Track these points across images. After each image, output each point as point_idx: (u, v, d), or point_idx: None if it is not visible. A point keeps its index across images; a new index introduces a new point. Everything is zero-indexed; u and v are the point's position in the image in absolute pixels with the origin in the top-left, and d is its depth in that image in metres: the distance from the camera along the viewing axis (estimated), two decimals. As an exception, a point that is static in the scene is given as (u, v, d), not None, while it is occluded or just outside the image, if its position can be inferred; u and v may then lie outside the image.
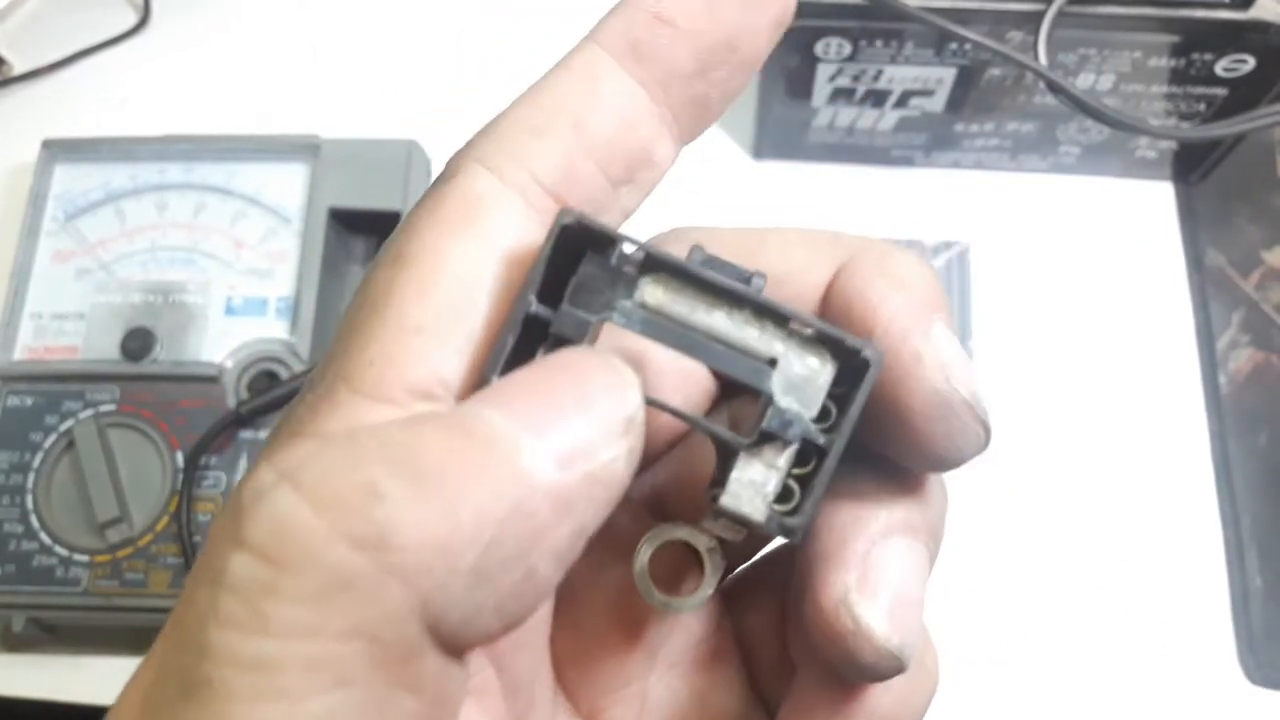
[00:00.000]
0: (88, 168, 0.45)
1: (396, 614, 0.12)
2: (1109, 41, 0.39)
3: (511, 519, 0.13)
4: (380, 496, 0.12)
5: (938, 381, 0.16)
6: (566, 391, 0.14)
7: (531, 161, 0.16)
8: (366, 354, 0.14)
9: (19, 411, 0.41)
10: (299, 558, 0.12)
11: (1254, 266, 0.45)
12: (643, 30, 0.17)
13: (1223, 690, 0.39)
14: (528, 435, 0.13)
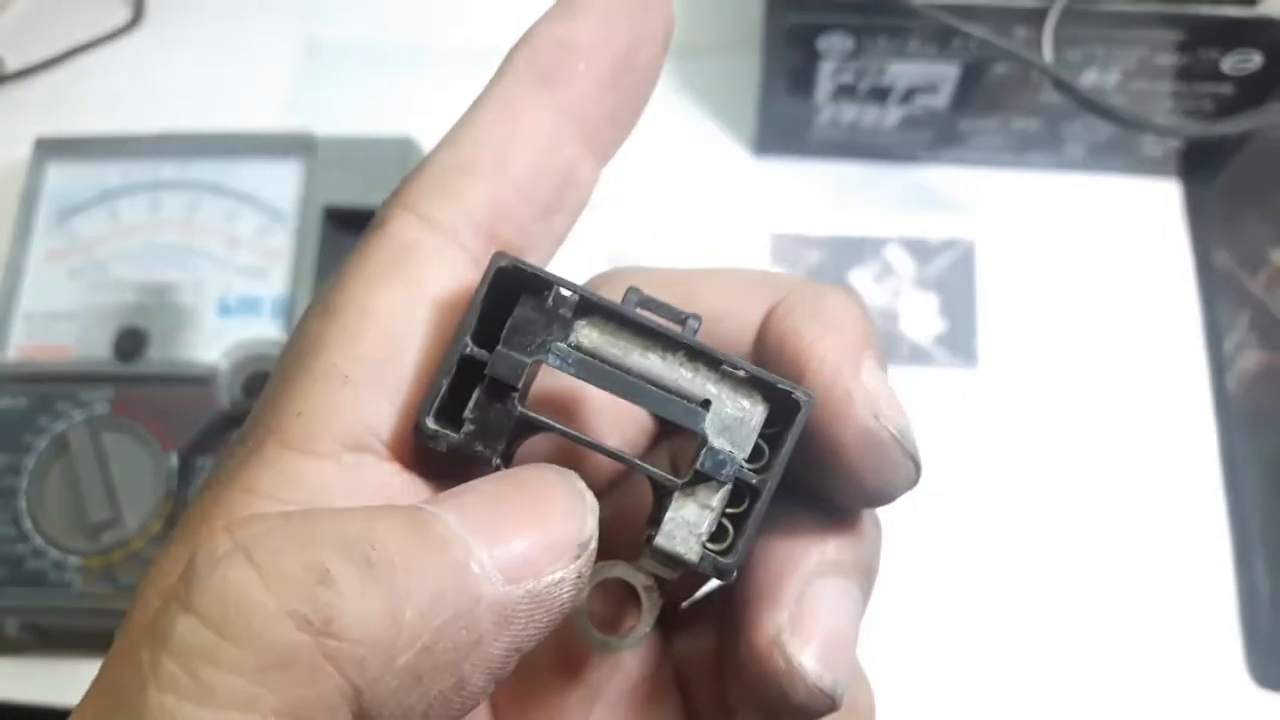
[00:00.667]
0: (81, 166, 0.45)
1: (328, 700, 0.12)
2: (1114, 38, 0.38)
3: (451, 625, 0.13)
4: (330, 581, 0.12)
5: (867, 419, 0.16)
6: (525, 508, 0.14)
7: (460, 202, 0.16)
8: (294, 405, 0.15)
9: (12, 413, 0.41)
10: (243, 630, 0.12)
11: (1261, 265, 0.44)
12: (548, 57, 0.18)
13: (1229, 692, 0.39)
14: (481, 544, 0.14)
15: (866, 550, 0.19)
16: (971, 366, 0.44)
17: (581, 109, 0.18)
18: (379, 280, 0.16)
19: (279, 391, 0.15)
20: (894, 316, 0.45)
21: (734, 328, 0.18)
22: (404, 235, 0.16)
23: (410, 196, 0.17)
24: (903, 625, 0.40)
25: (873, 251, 0.46)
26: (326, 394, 0.15)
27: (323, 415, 0.15)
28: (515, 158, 0.17)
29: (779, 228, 0.46)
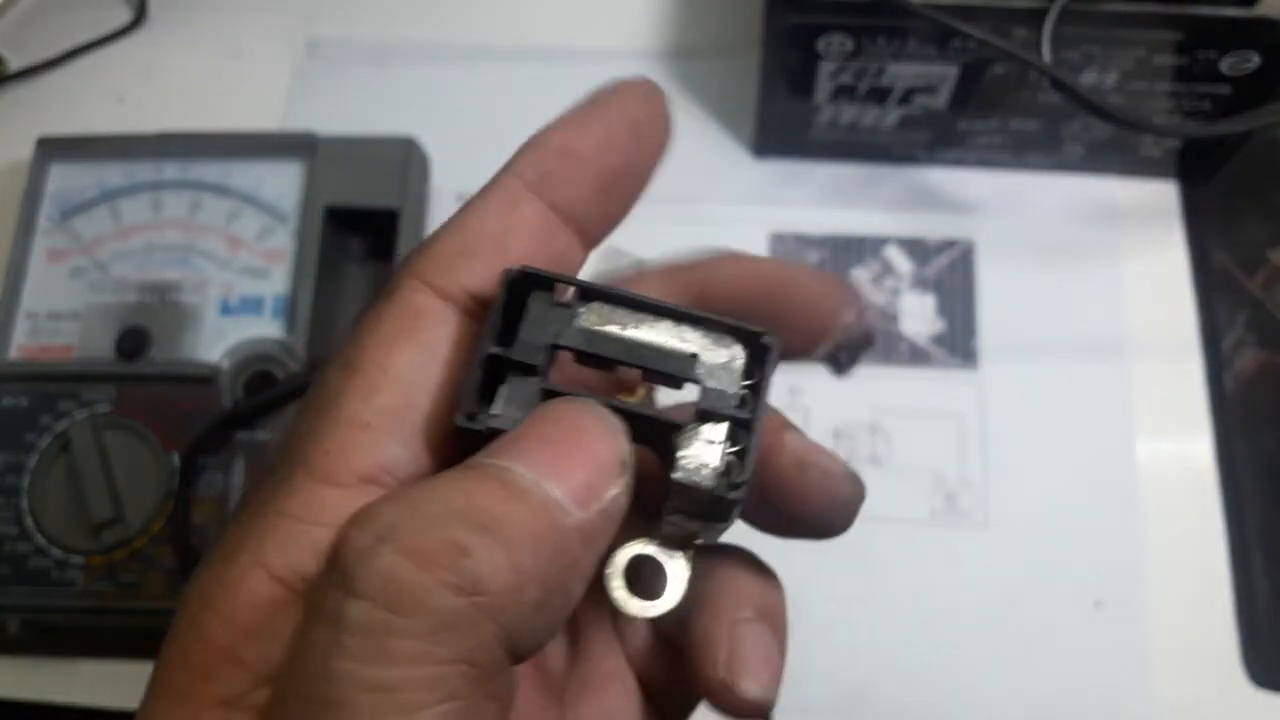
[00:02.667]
0: (83, 166, 0.45)
1: (488, 643, 0.15)
2: (1113, 39, 0.39)
3: (555, 557, 0.16)
4: (466, 553, 0.15)
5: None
6: (572, 442, 0.17)
7: (462, 277, 0.19)
8: (322, 446, 0.17)
9: (13, 412, 0.41)
10: (410, 604, 0.15)
11: (1259, 265, 0.44)
12: (552, 163, 0.20)
13: (1226, 693, 0.39)
14: (552, 484, 0.16)
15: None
16: (971, 366, 0.44)
17: (575, 208, 0.20)
18: (395, 341, 0.18)
19: (307, 432, 0.18)
20: (893, 317, 0.45)
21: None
22: (413, 301, 0.19)
23: (418, 268, 0.19)
24: (901, 623, 0.40)
25: (872, 251, 0.46)
26: (350, 438, 0.18)
27: (346, 455, 0.17)
28: (513, 245, 0.19)
29: (778, 227, 0.46)
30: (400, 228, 0.43)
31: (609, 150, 0.21)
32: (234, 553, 0.16)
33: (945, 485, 0.42)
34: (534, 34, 0.51)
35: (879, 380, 0.44)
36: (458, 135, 0.48)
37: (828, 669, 0.40)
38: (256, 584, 0.16)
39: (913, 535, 0.41)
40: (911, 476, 0.42)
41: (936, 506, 0.42)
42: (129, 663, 0.41)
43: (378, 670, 0.15)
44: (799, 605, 0.40)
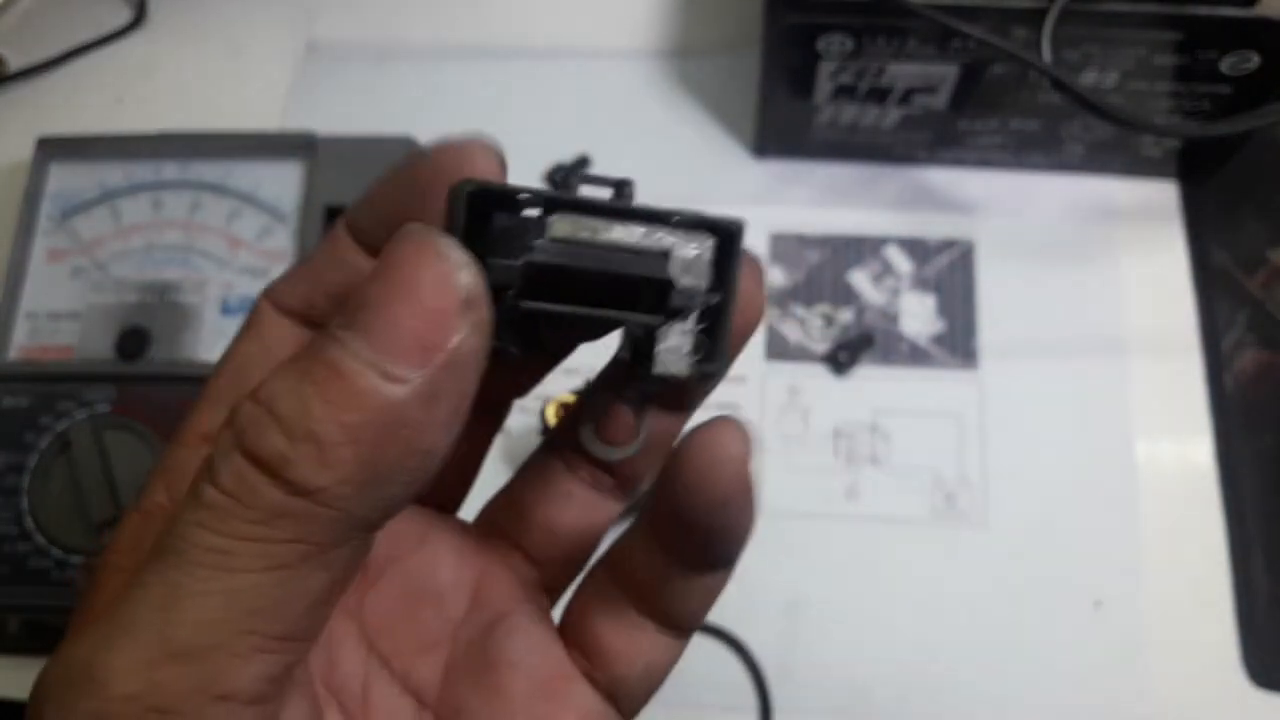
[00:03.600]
0: (83, 166, 0.45)
1: (326, 527, 0.17)
2: (1113, 38, 0.39)
3: (386, 438, 0.16)
4: (289, 462, 0.16)
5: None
6: (398, 296, 0.16)
7: (297, 295, 0.21)
8: (195, 419, 0.21)
9: (13, 412, 0.41)
10: (249, 496, 0.16)
11: (1259, 265, 0.44)
12: (364, 218, 0.22)
13: (1226, 692, 0.39)
14: (380, 356, 0.16)
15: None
16: (970, 366, 0.44)
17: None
18: (239, 340, 0.21)
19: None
20: (893, 316, 0.45)
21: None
22: (259, 309, 0.21)
23: (268, 290, 0.21)
24: (900, 622, 0.40)
25: (872, 251, 0.46)
26: (201, 410, 0.21)
27: (196, 423, 0.21)
28: (328, 277, 0.22)
29: (778, 227, 0.46)
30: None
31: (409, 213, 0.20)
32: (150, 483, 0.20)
33: (945, 485, 0.42)
34: (533, 33, 0.51)
35: (879, 380, 0.44)
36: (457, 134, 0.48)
37: (828, 667, 0.40)
38: (159, 495, 0.20)
39: (913, 534, 0.41)
40: (911, 476, 0.42)
41: (936, 506, 0.42)
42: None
43: (218, 540, 0.16)
44: (800, 604, 0.40)
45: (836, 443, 0.43)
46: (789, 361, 0.44)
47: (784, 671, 0.40)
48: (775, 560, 0.41)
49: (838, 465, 0.42)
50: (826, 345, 0.44)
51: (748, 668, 0.40)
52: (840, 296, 0.45)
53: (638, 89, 0.50)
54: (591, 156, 0.48)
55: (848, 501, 0.42)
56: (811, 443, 0.43)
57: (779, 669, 0.40)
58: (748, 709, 0.39)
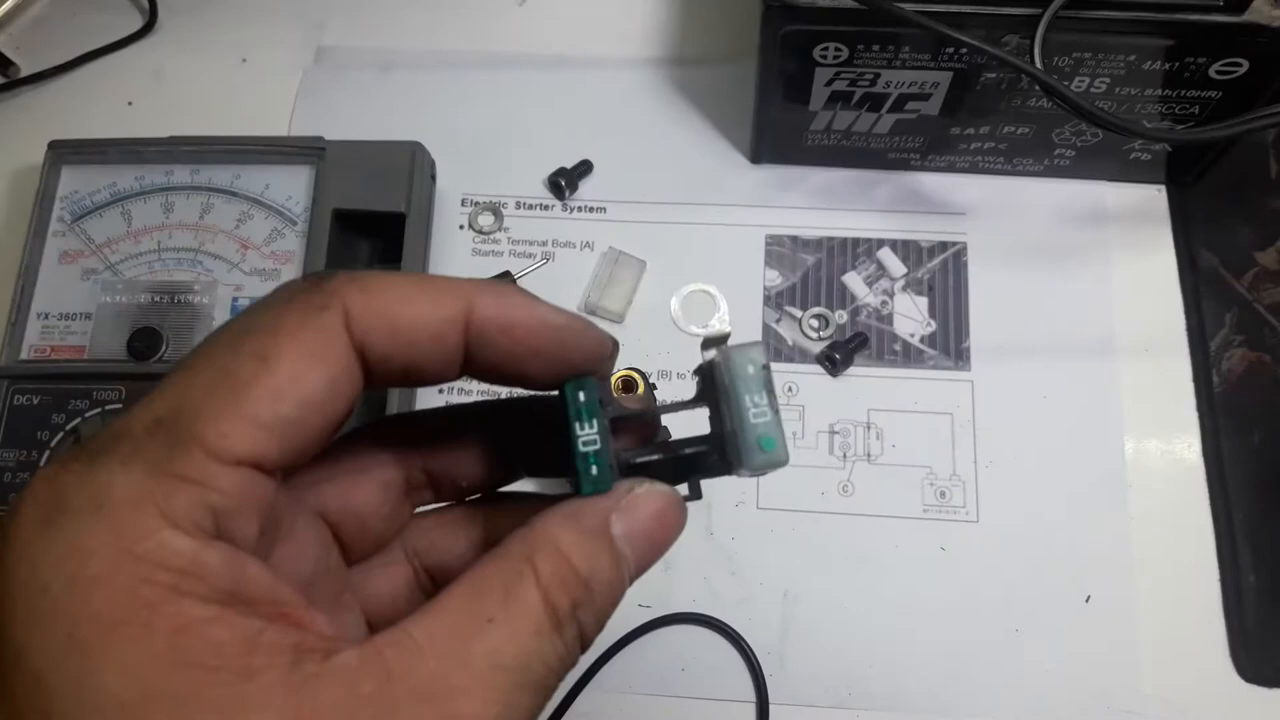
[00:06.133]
0: (94, 169, 0.45)
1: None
2: (1103, 45, 0.39)
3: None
4: (590, 636, 0.20)
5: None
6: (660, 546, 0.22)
7: (374, 338, 0.20)
8: (220, 428, 0.18)
9: (26, 410, 0.41)
10: (569, 653, 0.20)
11: (1247, 267, 0.45)
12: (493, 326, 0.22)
13: (1214, 686, 0.39)
14: (636, 572, 0.22)
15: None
16: (963, 366, 0.44)
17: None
18: (312, 358, 0.19)
19: (206, 406, 0.19)
20: (887, 317, 0.45)
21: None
22: (337, 333, 0.20)
23: (353, 306, 0.20)
24: (894, 617, 0.41)
25: (866, 253, 0.47)
26: (247, 432, 0.19)
27: (238, 443, 0.19)
28: (421, 341, 0.21)
29: (774, 230, 0.47)
30: (406, 230, 0.44)
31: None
32: (136, 506, 0.17)
33: (938, 482, 0.43)
34: (537, 42, 0.52)
35: (873, 380, 0.44)
36: (462, 140, 0.49)
37: (823, 659, 0.40)
38: (171, 536, 0.17)
39: (905, 531, 0.42)
40: (904, 473, 0.43)
41: (929, 502, 0.42)
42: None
43: (539, 667, 0.19)
44: (795, 597, 0.41)
45: (831, 440, 0.43)
46: (785, 361, 0.45)
47: (780, 663, 0.40)
48: (772, 554, 0.42)
49: (833, 462, 0.43)
50: (821, 345, 0.45)
51: (745, 659, 0.40)
52: (835, 298, 0.46)
53: (638, 96, 0.50)
54: (593, 161, 0.49)
55: (842, 498, 0.42)
56: (807, 440, 0.43)
57: (775, 661, 0.40)
58: (745, 700, 0.40)
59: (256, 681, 0.16)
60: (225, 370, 0.18)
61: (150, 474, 0.17)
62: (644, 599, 0.41)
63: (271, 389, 0.18)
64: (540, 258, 0.46)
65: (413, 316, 0.20)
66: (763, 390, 0.21)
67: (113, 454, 0.18)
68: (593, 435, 0.21)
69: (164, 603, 0.16)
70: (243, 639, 0.17)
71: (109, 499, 0.17)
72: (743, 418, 0.21)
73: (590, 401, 0.22)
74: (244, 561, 0.18)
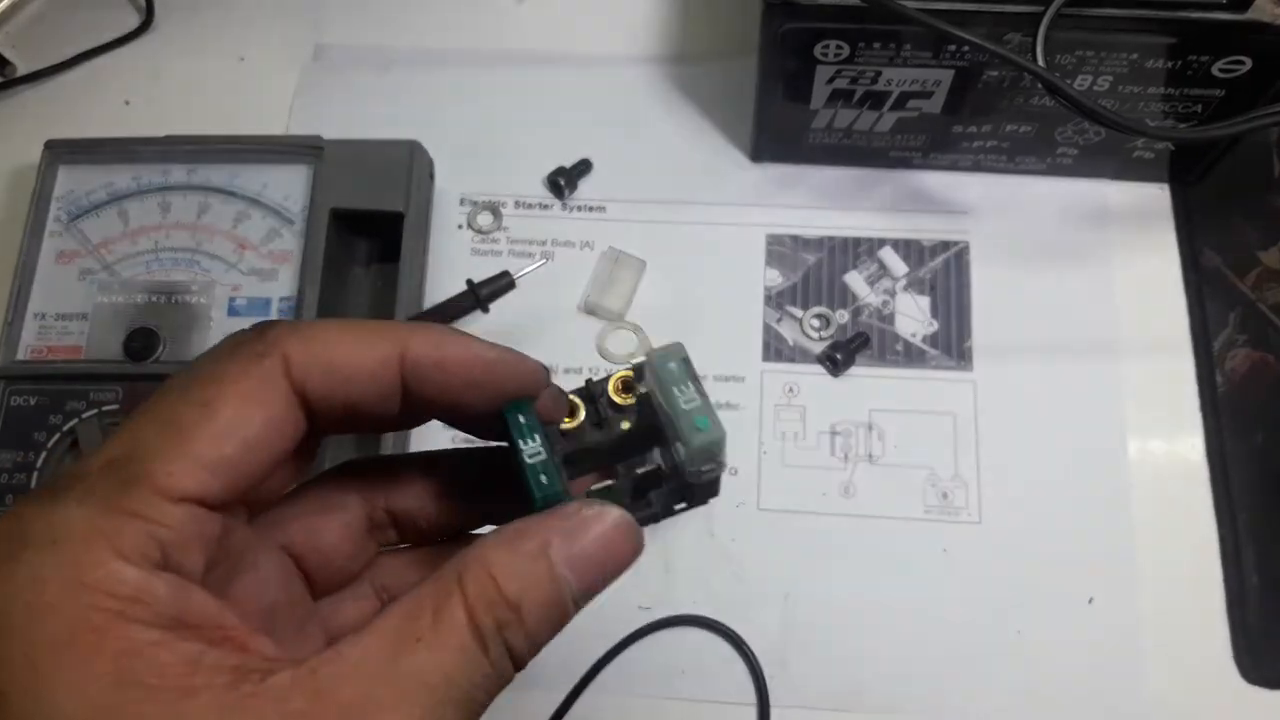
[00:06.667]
0: (91, 169, 0.45)
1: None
2: (1106, 43, 0.39)
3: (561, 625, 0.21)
4: (521, 656, 0.21)
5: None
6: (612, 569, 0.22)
7: (314, 382, 0.22)
8: (166, 468, 0.20)
9: (22, 411, 0.41)
10: (499, 672, 0.20)
11: (1251, 267, 0.45)
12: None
13: (1218, 688, 0.39)
14: (580, 596, 0.21)
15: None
16: (965, 366, 0.44)
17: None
18: (251, 403, 0.21)
19: (154, 448, 0.20)
20: (888, 317, 0.45)
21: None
22: (276, 381, 0.21)
23: (292, 355, 0.22)
24: (896, 619, 0.41)
25: (867, 253, 0.46)
26: (191, 472, 0.20)
27: (184, 482, 0.20)
28: (350, 373, 0.22)
29: (775, 230, 0.47)
30: (405, 230, 0.44)
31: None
32: (87, 540, 0.19)
33: (940, 483, 0.42)
34: (535, 40, 0.52)
35: (875, 380, 0.44)
36: (461, 139, 0.49)
37: (825, 662, 0.40)
38: (119, 567, 0.19)
39: (908, 532, 0.42)
40: (906, 474, 0.43)
41: (931, 503, 0.42)
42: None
43: (463, 686, 0.20)
44: (797, 599, 0.41)
45: (833, 441, 0.43)
46: (786, 361, 0.45)
47: (781, 666, 0.40)
48: (773, 556, 0.42)
49: (834, 463, 0.43)
50: (823, 345, 0.45)
51: (745, 661, 0.40)
52: (836, 298, 0.46)
53: (638, 95, 0.50)
54: (592, 160, 0.48)
55: (844, 499, 0.42)
56: (808, 441, 0.43)
57: (777, 663, 0.40)
58: (746, 703, 0.40)
59: (196, 700, 0.18)
60: (173, 415, 0.20)
61: (102, 511, 0.19)
62: (644, 601, 0.41)
63: (213, 432, 0.20)
64: (539, 257, 0.46)
65: (347, 358, 0.22)
66: (687, 380, 0.23)
67: (70, 492, 0.19)
68: (536, 448, 0.22)
69: (111, 627, 0.18)
70: (185, 660, 0.18)
71: (64, 533, 0.19)
72: (675, 409, 0.23)
73: (529, 418, 0.23)
74: (189, 590, 0.19)
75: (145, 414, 0.21)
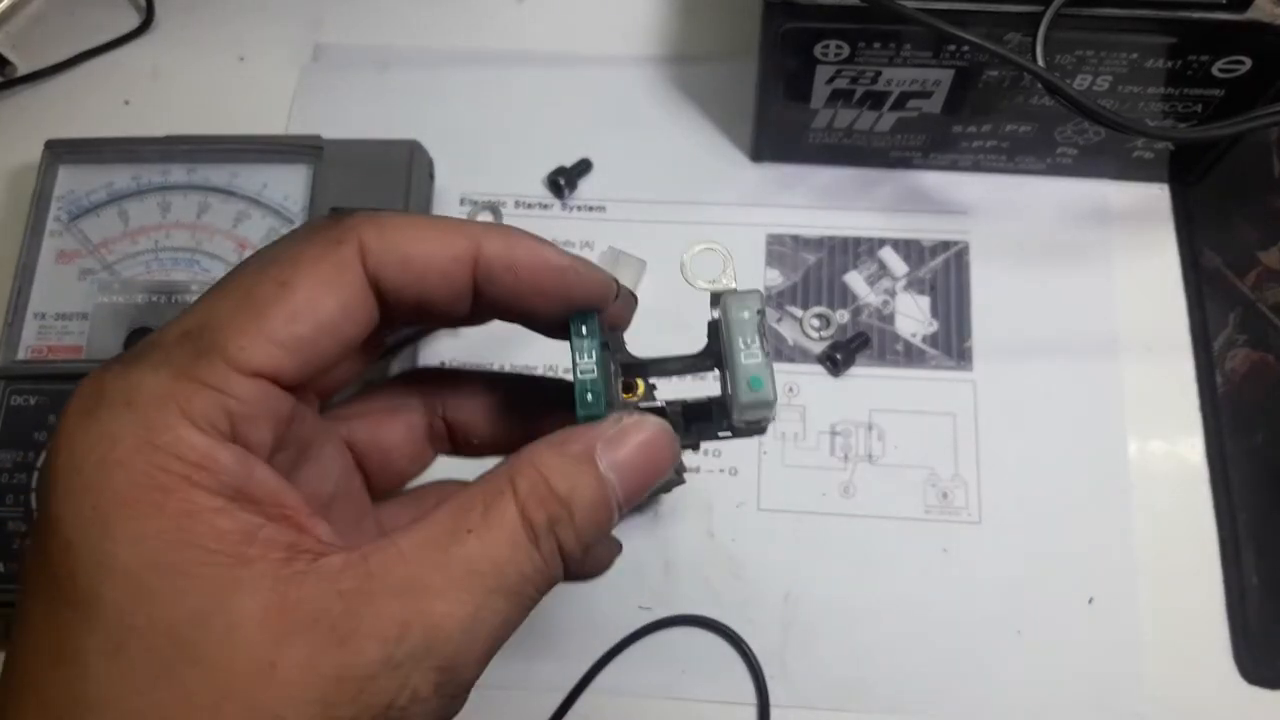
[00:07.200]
0: (91, 169, 0.45)
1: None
2: (1106, 43, 0.39)
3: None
4: (573, 557, 0.22)
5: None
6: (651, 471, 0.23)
7: (390, 272, 0.23)
8: (239, 342, 0.20)
9: (23, 411, 0.41)
10: (548, 566, 0.21)
11: (1250, 267, 0.45)
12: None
13: (1218, 688, 0.39)
14: (625, 502, 0.22)
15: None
16: (965, 366, 0.44)
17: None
18: (328, 286, 0.22)
19: (229, 321, 0.21)
20: (888, 317, 0.45)
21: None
22: (352, 265, 0.22)
23: (368, 241, 0.22)
24: (896, 618, 0.41)
25: (867, 253, 0.46)
26: (263, 347, 0.21)
27: (256, 356, 0.21)
28: (432, 275, 0.23)
29: (775, 229, 0.47)
30: (404, 230, 0.44)
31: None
32: (160, 404, 0.20)
33: (940, 482, 0.42)
34: (535, 39, 0.52)
35: (874, 380, 0.44)
36: (461, 138, 0.49)
37: (825, 662, 0.40)
38: (188, 432, 0.20)
39: (907, 532, 0.42)
40: (906, 474, 0.43)
41: (931, 503, 0.42)
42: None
43: (514, 575, 0.21)
44: (797, 600, 0.41)
45: (833, 441, 0.43)
46: (786, 361, 0.45)
47: (781, 665, 0.40)
48: (773, 556, 0.42)
49: (834, 463, 0.43)
50: (823, 345, 0.45)
51: (746, 661, 0.40)
52: (836, 297, 0.46)
53: (638, 94, 0.50)
54: (592, 160, 0.48)
55: (844, 499, 0.42)
56: (808, 441, 0.43)
57: (776, 663, 0.40)
58: (746, 702, 0.40)
59: (249, 569, 0.19)
60: (249, 293, 0.21)
61: (176, 377, 0.20)
62: (644, 601, 0.41)
63: (288, 311, 0.21)
64: (539, 257, 0.46)
65: (423, 252, 0.22)
66: (755, 334, 0.23)
67: (146, 359, 0.20)
68: (590, 365, 0.23)
69: (176, 489, 0.19)
70: (242, 530, 0.19)
71: (138, 396, 0.20)
72: (734, 359, 0.23)
73: (591, 332, 0.23)
74: (253, 463, 0.20)
75: (222, 289, 0.21)
